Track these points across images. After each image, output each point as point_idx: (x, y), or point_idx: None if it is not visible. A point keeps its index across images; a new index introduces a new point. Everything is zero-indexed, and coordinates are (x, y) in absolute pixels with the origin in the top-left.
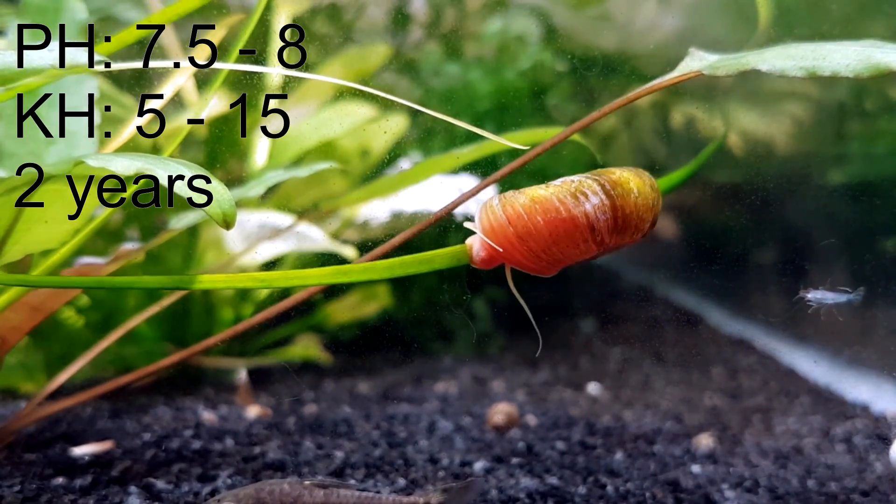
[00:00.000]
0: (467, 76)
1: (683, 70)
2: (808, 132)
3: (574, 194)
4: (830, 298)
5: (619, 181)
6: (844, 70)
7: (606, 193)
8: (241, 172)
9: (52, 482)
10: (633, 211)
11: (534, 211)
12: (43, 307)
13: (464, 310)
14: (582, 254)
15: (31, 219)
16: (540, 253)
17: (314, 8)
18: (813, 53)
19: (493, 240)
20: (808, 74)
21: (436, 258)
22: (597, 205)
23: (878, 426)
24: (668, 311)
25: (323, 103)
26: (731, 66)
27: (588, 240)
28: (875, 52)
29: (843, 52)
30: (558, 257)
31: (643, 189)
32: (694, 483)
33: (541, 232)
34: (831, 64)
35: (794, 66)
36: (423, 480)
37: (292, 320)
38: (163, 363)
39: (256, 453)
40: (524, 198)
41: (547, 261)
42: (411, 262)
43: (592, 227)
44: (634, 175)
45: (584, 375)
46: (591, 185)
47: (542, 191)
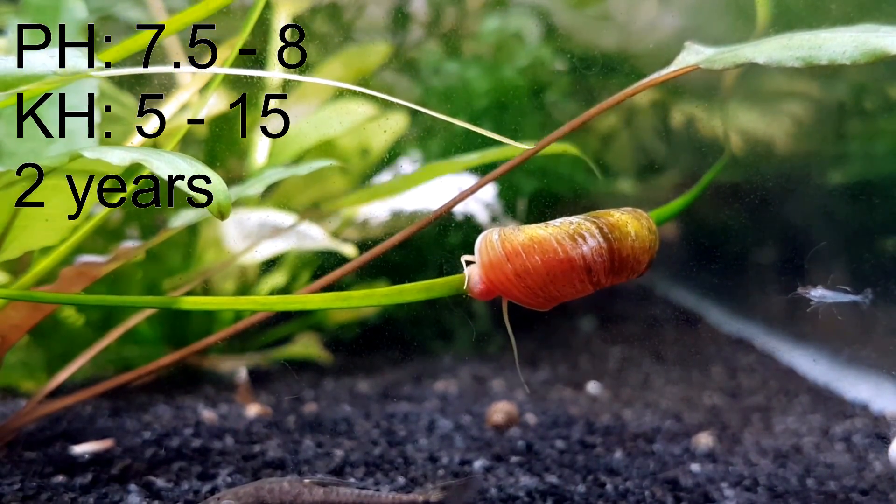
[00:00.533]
0: (465, 74)
1: (680, 64)
2: (807, 131)
3: (572, 236)
4: (831, 297)
5: (616, 224)
6: (841, 57)
7: (604, 236)
8: (241, 171)
9: (53, 480)
10: (629, 254)
11: (532, 250)
12: (43, 306)
13: (463, 309)
14: (578, 292)
15: (30, 215)
16: (537, 290)
17: (314, 7)
18: (809, 43)
19: (491, 274)
20: (804, 64)
21: (434, 287)
22: (594, 247)
23: (877, 425)
24: (667, 310)
25: (323, 102)
26: (728, 60)
27: (584, 280)
28: (871, 38)
29: (840, 40)
30: (554, 295)
31: (640, 232)
32: (693, 482)
33: (538, 271)
34: (828, 52)
35: (790, 56)
36: (423, 479)
37: (292, 319)
38: (162, 362)
39: (256, 452)
40: (523, 236)
41: (543, 297)
42: (410, 290)
43: (589, 268)
44: (632, 218)
45: (583, 374)
46: (589, 227)
47: (542, 231)
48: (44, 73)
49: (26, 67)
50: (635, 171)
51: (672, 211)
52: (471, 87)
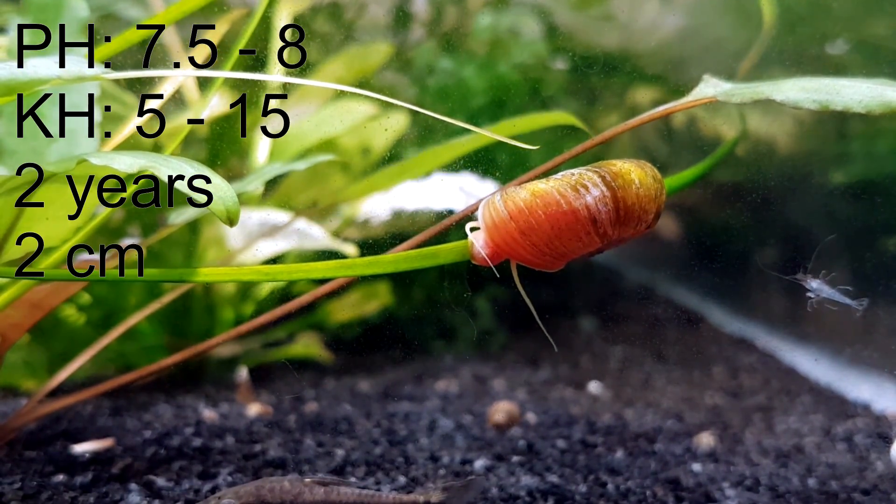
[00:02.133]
0: (461, 73)
1: (698, 95)
2: (809, 131)
3: (574, 187)
4: (826, 293)
5: (620, 172)
6: (857, 106)
7: (607, 185)
8: (243, 171)
9: (53, 479)
10: (635, 202)
11: (535, 205)
12: (43, 304)
13: (465, 308)
14: (585, 247)
15: (33, 217)
16: (543, 247)
17: (315, 6)
18: (826, 88)
19: (496, 235)
20: (821, 107)
21: (440, 253)
22: (598, 197)
23: (878, 425)
24: (669, 309)
25: (324, 101)
26: (746, 95)
27: (591, 232)
28: (887, 91)
29: (857, 89)
30: (561, 251)
31: (645, 180)
32: (695, 482)
33: (542, 226)
34: (844, 99)
35: (807, 98)
36: (424, 478)
37: (293, 319)
38: (163, 363)
39: (257, 451)
40: (525, 192)
41: (550, 255)
42: (416, 257)
43: (594, 219)
44: (636, 166)
45: (585, 374)
46: (591, 177)
47: (543, 185)
48: (47, 78)
49: (30, 72)
50: None
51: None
52: (467, 85)
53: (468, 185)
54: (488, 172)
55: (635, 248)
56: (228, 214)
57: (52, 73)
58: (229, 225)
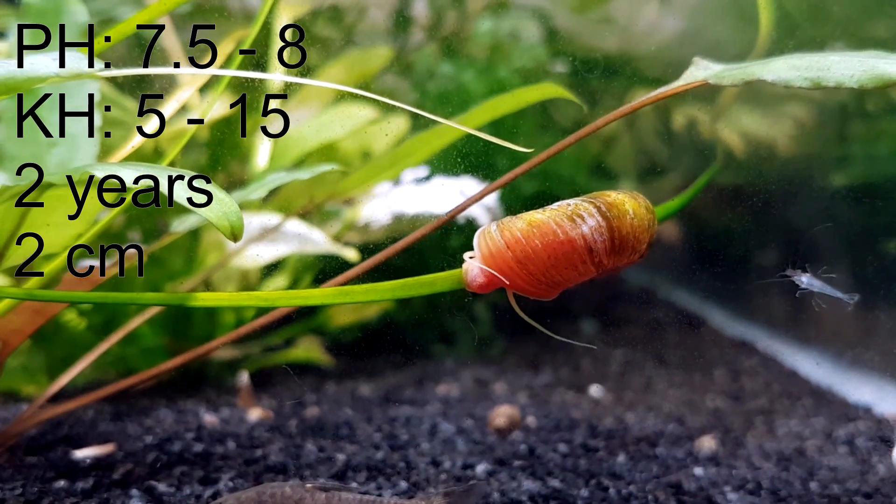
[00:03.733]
0: (461, 77)
1: (688, 79)
2: (809, 134)
3: (571, 217)
4: (818, 287)
5: (614, 203)
6: (849, 81)
7: (602, 215)
8: (243, 174)
9: (54, 485)
10: (629, 232)
11: (532, 235)
12: (45, 310)
13: (465, 312)
14: (580, 276)
15: (35, 223)
16: (539, 276)
17: (315, 10)
18: (817, 64)
19: (493, 265)
20: (812, 85)
21: (437, 281)
22: (594, 227)
23: (880, 428)
24: (670, 313)
25: (324, 105)
26: (737, 76)
27: (586, 261)
28: (879, 63)
29: (847, 64)
30: (557, 280)
31: (639, 211)
32: (696, 485)
33: (539, 255)
34: (835, 75)
35: (798, 76)
36: (425, 483)
37: (294, 323)
38: (164, 366)
39: (258, 456)
40: (521, 223)
41: (546, 284)
42: (413, 285)
43: (590, 248)
44: (629, 197)
45: (586, 378)
46: (587, 207)
47: (539, 215)
48: (46, 75)
49: (28, 69)
50: (637, 173)
51: (668, 211)
52: (467, 89)
53: (468, 188)
54: (488, 177)
55: None
56: (232, 230)
57: (51, 70)
58: (233, 241)
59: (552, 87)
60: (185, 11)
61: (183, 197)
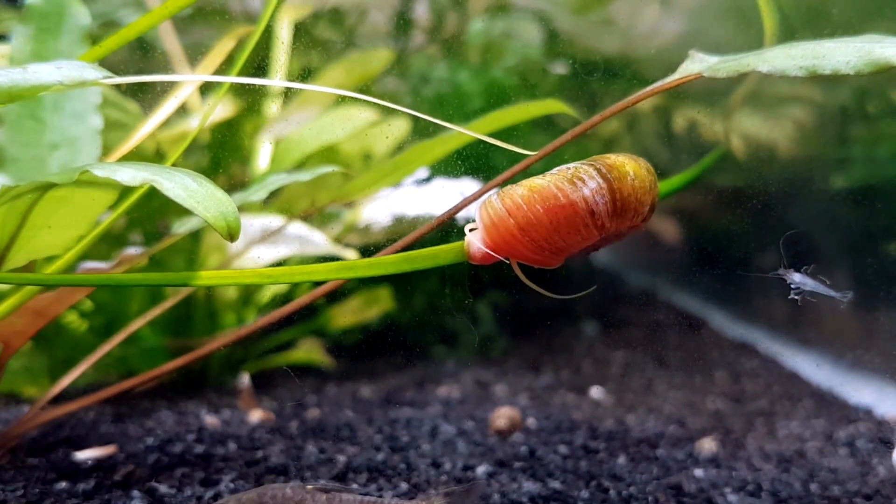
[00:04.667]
0: (455, 78)
1: (684, 73)
2: (810, 136)
3: (571, 180)
4: (810, 286)
5: (615, 165)
6: (845, 67)
7: (603, 177)
8: (244, 177)
9: (55, 487)
10: (631, 193)
11: (533, 200)
12: (46, 312)
13: (466, 314)
14: (584, 240)
15: (37, 225)
16: (542, 242)
17: (316, 13)
18: (813, 52)
19: (495, 234)
20: (808, 73)
21: (440, 253)
22: (595, 188)
23: (880, 430)
24: (670, 314)
25: (325, 107)
26: (732, 68)
27: (589, 224)
28: (875, 48)
29: (843, 50)
30: (561, 245)
31: (640, 172)
32: (697, 487)
33: (541, 220)
34: (831, 62)
35: (794, 65)
36: (426, 485)
37: (295, 324)
38: (165, 367)
39: (259, 457)
40: (522, 189)
41: (550, 250)
42: (416, 258)
43: (592, 210)
44: (630, 159)
45: (586, 379)
46: (587, 170)
47: (540, 180)
48: (49, 83)
49: (31, 77)
50: None
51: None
52: (462, 90)
53: (469, 190)
54: (489, 179)
55: (636, 252)
56: (229, 230)
57: (54, 78)
58: (230, 240)
59: (555, 104)
60: (186, 14)
61: (180, 196)
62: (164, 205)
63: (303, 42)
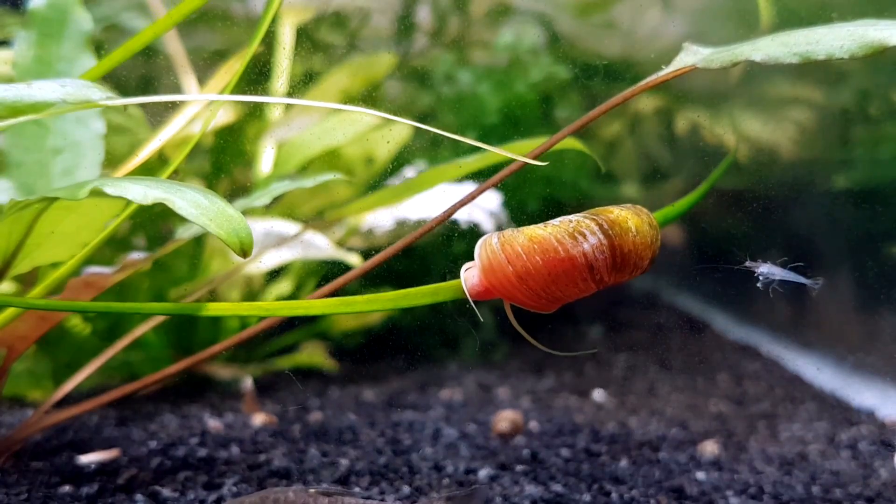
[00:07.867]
0: (476, 89)
1: (678, 65)
2: (812, 138)
3: (572, 234)
4: (779, 274)
5: (616, 220)
6: (839, 52)
7: (604, 233)
8: (247, 181)
9: (59, 490)
10: (631, 249)
11: (532, 251)
12: (50, 316)
13: (468, 317)
14: (581, 292)
15: (43, 233)
16: (539, 292)
17: (319, 16)
18: (806, 39)
19: (493, 277)
20: (802, 60)
21: (440, 291)
22: (595, 244)
23: (883, 432)
24: (672, 317)
25: (327, 111)
26: (726, 58)
27: (587, 279)
28: (869, 31)
29: (837, 34)
30: (557, 296)
31: (641, 227)
32: (699, 490)
33: (540, 272)
34: (825, 47)
35: (787, 52)
36: (428, 488)
37: (297, 328)
38: (169, 370)
39: (262, 461)
40: (523, 237)
41: (546, 299)
42: (415, 295)
43: (591, 266)
44: (632, 214)
45: (588, 382)
46: (588, 224)
47: (541, 231)
48: (52, 101)
49: (36, 94)
50: (640, 177)
51: (675, 212)
52: (482, 101)
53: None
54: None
55: None
56: (242, 246)
57: (57, 96)
58: (242, 257)
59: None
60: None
61: (192, 213)
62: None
63: (305, 46)
